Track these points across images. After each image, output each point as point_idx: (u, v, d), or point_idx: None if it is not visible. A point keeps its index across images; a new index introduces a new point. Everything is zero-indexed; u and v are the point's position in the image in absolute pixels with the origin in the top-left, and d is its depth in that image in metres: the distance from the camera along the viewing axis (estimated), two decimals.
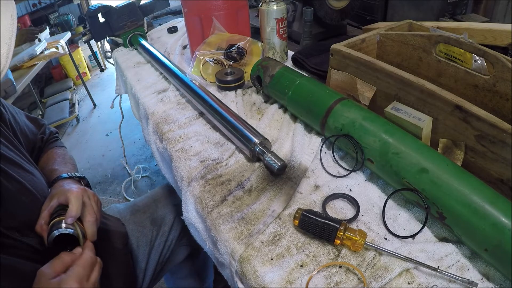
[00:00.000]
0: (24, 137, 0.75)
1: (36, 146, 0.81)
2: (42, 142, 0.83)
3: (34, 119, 0.85)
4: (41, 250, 0.61)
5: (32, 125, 0.83)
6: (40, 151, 0.82)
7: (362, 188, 0.60)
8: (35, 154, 0.80)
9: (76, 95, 3.48)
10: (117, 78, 1.33)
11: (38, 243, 0.61)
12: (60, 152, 0.85)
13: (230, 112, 0.74)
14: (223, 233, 0.55)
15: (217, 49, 0.97)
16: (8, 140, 0.66)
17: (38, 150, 0.82)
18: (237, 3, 0.98)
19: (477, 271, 0.46)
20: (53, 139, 0.87)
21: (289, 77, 0.76)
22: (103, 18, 1.26)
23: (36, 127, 0.84)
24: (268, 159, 0.63)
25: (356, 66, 0.69)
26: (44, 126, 0.87)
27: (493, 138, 0.49)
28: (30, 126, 0.81)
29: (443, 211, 0.48)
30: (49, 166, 0.78)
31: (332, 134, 0.65)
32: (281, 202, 0.58)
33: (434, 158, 0.51)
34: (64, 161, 0.81)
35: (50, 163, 0.79)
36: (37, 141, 0.82)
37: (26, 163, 0.67)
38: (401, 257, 0.47)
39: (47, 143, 0.85)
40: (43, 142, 0.83)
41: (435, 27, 0.75)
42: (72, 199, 0.63)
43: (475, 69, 0.61)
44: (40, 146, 0.82)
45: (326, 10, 1.05)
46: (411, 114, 0.59)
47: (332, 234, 0.49)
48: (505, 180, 0.50)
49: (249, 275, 0.49)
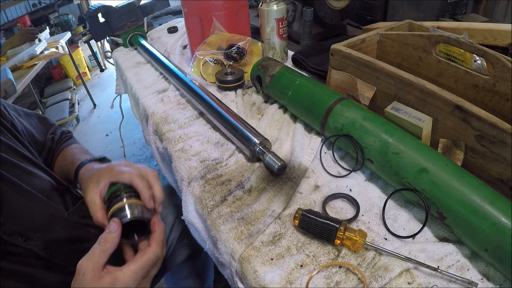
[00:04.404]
0: (29, 137, 0.73)
1: (46, 146, 0.78)
2: (53, 142, 0.80)
3: (43, 118, 0.82)
4: (44, 257, 0.58)
5: (41, 125, 0.80)
6: (50, 151, 0.79)
7: (362, 188, 0.60)
8: (44, 154, 0.78)
9: (76, 95, 3.47)
10: (117, 78, 1.33)
11: (42, 249, 0.58)
12: (77, 146, 0.81)
13: (230, 112, 0.74)
14: (223, 233, 0.55)
15: (217, 49, 0.97)
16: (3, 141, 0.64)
17: (48, 150, 0.78)
18: (237, 3, 0.98)
19: (477, 271, 0.46)
20: (66, 138, 0.84)
21: (289, 77, 0.76)
22: (103, 18, 1.26)
23: (45, 127, 0.81)
24: (268, 159, 0.63)
25: (356, 66, 0.69)
26: (54, 126, 0.84)
27: (493, 138, 0.49)
28: (39, 126, 0.79)
29: (443, 211, 0.48)
30: (67, 160, 0.74)
31: (332, 134, 0.65)
32: (281, 202, 0.58)
33: (434, 158, 0.51)
34: (83, 151, 0.77)
35: (68, 158, 0.75)
36: (47, 141, 0.79)
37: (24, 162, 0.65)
38: (401, 257, 0.47)
39: (59, 142, 0.82)
40: (53, 142, 0.80)
41: (435, 27, 0.75)
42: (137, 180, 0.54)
43: (475, 69, 0.61)
44: (51, 147, 0.79)
45: (326, 10, 1.05)
46: (411, 114, 0.59)
47: (332, 234, 0.49)
48: (505, 180, 0.50)
49: (249, 275, 0.49)
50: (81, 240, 0.64)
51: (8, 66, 2.24)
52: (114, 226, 0.49)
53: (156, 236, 0.52)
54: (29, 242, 0.56)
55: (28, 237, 0.57)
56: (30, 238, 0.57)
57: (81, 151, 0.78)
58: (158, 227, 0.52)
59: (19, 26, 3.45)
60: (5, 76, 2.01)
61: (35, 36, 2.60)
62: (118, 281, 0.46)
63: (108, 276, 0.46)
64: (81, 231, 0.66)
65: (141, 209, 0.52)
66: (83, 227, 0.66)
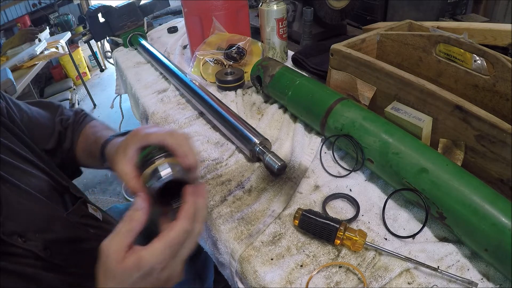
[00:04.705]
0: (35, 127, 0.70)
1: (56, 130, 0.73)
2: (62, 125, 0.75)
3: (47, 104, 0.78)
4: (44, 257, 0.57)
5: (46, 111, 0.76)
6: (60, 135, 0.74)
7: (362, 188, 0.60)
8: (54, 139, 0.73)
9: (76, 95, 3.47)
10: (117, 78, 1.33)
11: (42, 250, 0.57)
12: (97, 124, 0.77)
13: (230, 112, 0.74)
14: (223, 233, 0.55)
15: (217, 49, 0.97)
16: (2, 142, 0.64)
17: (58, 134, 0.74)
18: (237, 3, 0.98)
19: (477, 271, 0.46)
20: (82, 117, 0.79)
21: (289, 77, 0.76)
22: (103, 18, 1.26)
23: (51, 112, 0.77)
24: (268, 159, 0.63)
25: (356, 66, 0.69)
26: (61, 107, 0.79)
27: (493, 138, 0.49)
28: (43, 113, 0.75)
29: (443, 211, 0.48)
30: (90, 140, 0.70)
31: (332, 134, 0.65)
32: (281, 202, 0.58)
33: (434, 158, 0.51)
34: (104, 128, 0.73)
35: (90, 138, 0.71)
36: (56, 125, 0.74)
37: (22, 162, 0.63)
38: (401, 257, 0.47)
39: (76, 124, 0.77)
40: (62, 125, 0.75)
41: (435, 27, 0.75)
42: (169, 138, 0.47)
43: (475, 69, 0.61)
44: (61, 131, 0.74)
45: (326, 10, 1.05)
46: (411, 114, 0.59)
47: (332, 234, 0.49)
48: (505, 180, 0.50)
49: (249, 275, 0.49)
50: (80, 240, 0.64)
51: (8, 66, 2.24)
52: (140, 202, 0.43)
53: (186, 207, 0.43)
54: (28, 242, 0.56)
55: (27, 237, 0.56)
56: (30, 239, 0.56)
57: (102, 127, 0.73)
58: (190, 197, 0.44)
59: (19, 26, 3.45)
60: (5, 76, 2.01)
61: (35, 36, 2.60)
62: (143, 261, 0.41)
63: (132, 256, 0.41)
64: (80, 231, 0.65)
65: (176, 168, 0.45)
66: (83, 227, 0.66)
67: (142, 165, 0.46)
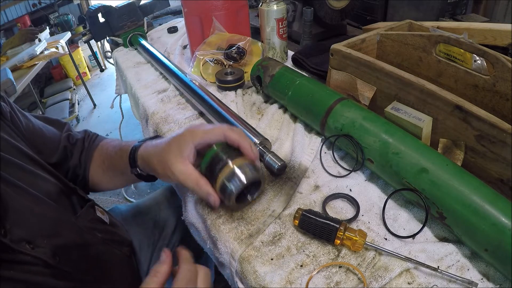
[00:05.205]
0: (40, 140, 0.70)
1: (61, 145, 0.74)
2: (69, 140, 0.76)
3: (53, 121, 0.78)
4: (53, 264, 0.55)
5: (52, 126, 0.76)
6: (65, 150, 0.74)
7: (362, 188, 0.60)
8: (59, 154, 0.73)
9: (76, 95, 3.48)
10: (117, 78, 1.33)
11: (50, 256, 0.55)
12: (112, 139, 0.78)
13: (230, 112, 0.74)
14: (223, 233, 0.55)
15: (217, 49, 0.97)
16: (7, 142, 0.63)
17: (64, 149, 0.74)
18: (237, 3, 0.98)
19: (477, 271, 0.46)
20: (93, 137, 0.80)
21: (289, 77, 0.76)
22: (103, 18, 1.26)
23: (57, 127, 0.77)
24: (268, 159, 0.63)
25: (356, 66, 0.69)
26: (68, 124, 0.80)
27: (493, 138, 0.49)
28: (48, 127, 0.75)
29: (443, 211, 0.48)
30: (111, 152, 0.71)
31: (332, 134, 0.65)
32: (281, 202, 0.58)
33: (434, 158, 0.51)
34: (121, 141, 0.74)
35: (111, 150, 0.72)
36: (62, 140, 0.74)
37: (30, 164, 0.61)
38: (401, 257, 0.47)
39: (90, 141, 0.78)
40: (69, 140, 0.76)
41: (435, 27, 0.75)
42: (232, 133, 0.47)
43: (475, 69, 0.61)
44: (66, 145, 0.75)
45: (326, 10, 1.05)
46: (411, 114, 0.59)
47: (332, 234, 0.49)
48: (505, 180, 0.50)
49: (249, 275, 0.49)
50: (88, 245, 0.63)
51: (8, 66, 2.24)
52: (164, 256, 0.47)
53: (182, 256, 0.49)
54: (37, 249, 0.54)
55: (36, 244, 0.54)
56: (38, 245, 0.54)
57: (120, 141, 0.74)
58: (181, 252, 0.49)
59: (19, 26, 3.46)
60: (5, 76, 2.01)
61: (35, 36, 2.60)
62: None
63: None
64: (88, 236, 0.64)
65: (249, 167, 0.45)
66: (91, 231, 0.65)
67: (210, 168, 0.45)
